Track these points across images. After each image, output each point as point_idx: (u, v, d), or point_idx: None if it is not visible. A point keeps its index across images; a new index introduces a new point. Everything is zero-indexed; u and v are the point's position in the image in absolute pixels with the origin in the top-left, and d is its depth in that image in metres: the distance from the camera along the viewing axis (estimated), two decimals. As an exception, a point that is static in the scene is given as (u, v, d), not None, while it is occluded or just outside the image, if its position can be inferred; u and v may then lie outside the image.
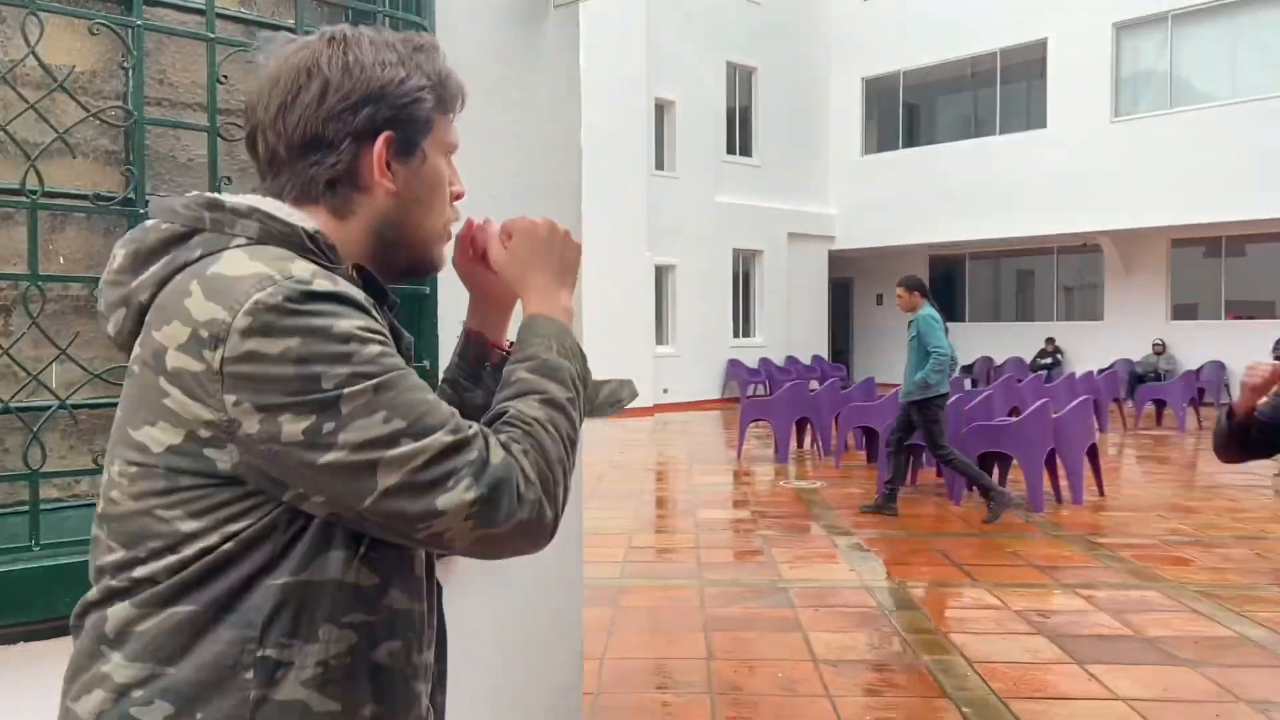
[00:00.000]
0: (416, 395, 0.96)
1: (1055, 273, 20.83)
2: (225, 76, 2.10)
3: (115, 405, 1.05)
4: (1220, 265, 18.33)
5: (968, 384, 14.92)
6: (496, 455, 0.97)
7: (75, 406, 1.93)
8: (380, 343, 0.96)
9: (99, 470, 2.01)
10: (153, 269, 1.01)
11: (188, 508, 0.96)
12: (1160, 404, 15.03)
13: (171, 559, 0.97)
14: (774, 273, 20.43)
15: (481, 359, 1.31)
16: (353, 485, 0.93)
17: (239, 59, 2.11)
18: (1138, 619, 4.98)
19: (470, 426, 0.98)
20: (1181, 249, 18.58)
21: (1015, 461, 8.22)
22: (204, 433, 0.94)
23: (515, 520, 0.97)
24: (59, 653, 1.59)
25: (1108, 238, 18.49)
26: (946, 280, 22.00)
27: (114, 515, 1.00)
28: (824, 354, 21.39)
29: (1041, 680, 4.12)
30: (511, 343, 1.23)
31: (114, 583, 0.99)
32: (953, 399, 9.20)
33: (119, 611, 0.99)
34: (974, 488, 7.95)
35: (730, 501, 8.80)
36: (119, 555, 0.99)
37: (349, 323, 0.94)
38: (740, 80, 19.93)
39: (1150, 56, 17.38)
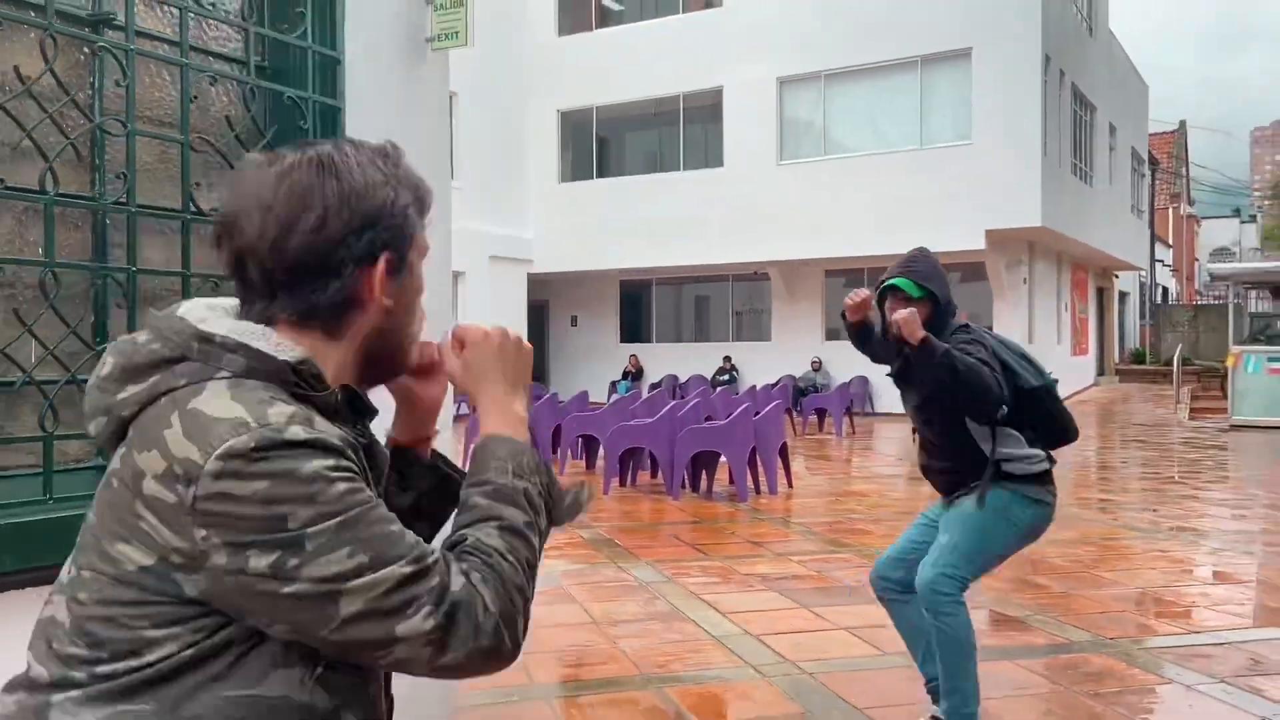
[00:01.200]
0: (380, 529, 0.99)
1: (730, 298, 23.07)
2: (195, 96, 2.39)
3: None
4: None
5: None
6: (457, 583, 1.00)
7: (84, 380, 2.15)
8: (349, 479, 0.99)
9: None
10: (139, 388, 1.04)
11: (153, 619, 0.99)
12: (822, 412, 17.29)
13: (133, 661, 0.99)
14: (477, 294, 20.93)
15: (410, 463, 1.31)
16: (315, 614, 0.96)
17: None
18: (839, 573, 6.09)
19: (432, 554, 1.01)
20: (833, 279, 21.35)
21: (723, 458, 9.37)
22: (175, 559, 0.97)
23: (473, 647, 1.00)
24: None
25: (775, 267, 20.83)
26: (634, 304, 23.65)
27: (79, 615, 1.01)
28: (524, 372, 22.12)
29: (781, 621, 5.03)
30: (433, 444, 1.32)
31: (77, 675, 1.00)
32: (667, 408, 10.28)
33: (65, 701, 0.99)
34: (689, 485, 8.99)
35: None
36: (82, 651, 1.00)
37: (317, 464, 0.97)
38: (443, 104, 20.28)
39: (808, 109, 19.92)
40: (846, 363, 20.18)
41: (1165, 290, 41.72)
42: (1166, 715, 3.83)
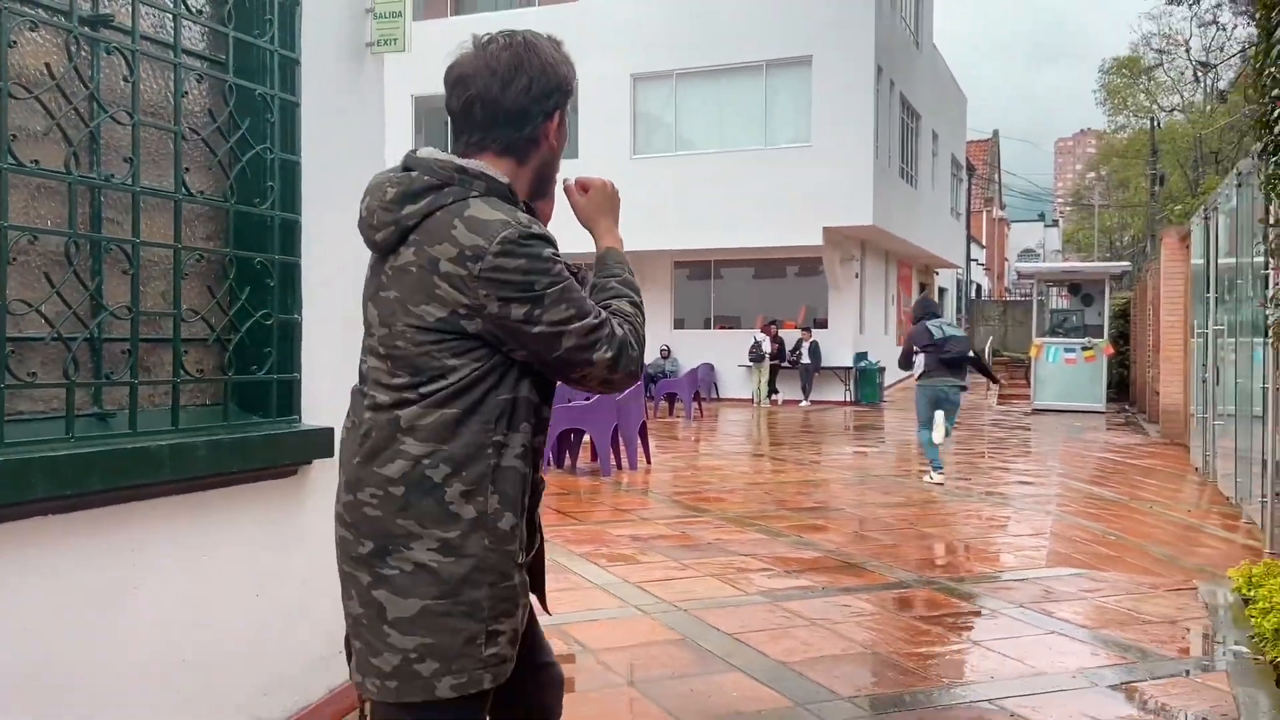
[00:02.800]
0: (579, 293, 1.59)
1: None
2: (186, 91, 2.72)
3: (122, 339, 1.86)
4: (710, 285, 22.26)
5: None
6: (619, 331, 1.61)
7: (107, 339, 2.48)
8: (561, 262, 1.57)
9: (123, 384, 2.56)
10: (420, 204, 1.56)
11: (451, 351, 1.56)
12: (671, 397, 18.10)
13: (442, 382, 1.56)
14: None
15: None
16: (547, 344, 1.56)
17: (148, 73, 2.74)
18: (700, 534, 6.75)
19: (603, 313, 1.61)
20: (680, 270, 22.23)
21: (589, 436, 9.92)
22: (461, 310, 1.54)
23: (627, 370, 1.62)
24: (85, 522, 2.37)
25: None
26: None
27: (400, 355, 1.57)
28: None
29: (654, 571, 5.62)
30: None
31: (409, 395, 1.57)
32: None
33: (410, 413, 1.57)
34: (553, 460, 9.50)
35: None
36: (405, 379, 1.57)
37: (548, 250, 1.55)
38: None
39: (660, 106, 20.68)
40: (693, 350, 21.11)
41: (979, 287, 45.00)
42: (978, 632, 4.62)
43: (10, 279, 2.30)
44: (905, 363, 9.37)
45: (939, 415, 9.05)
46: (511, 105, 1.62)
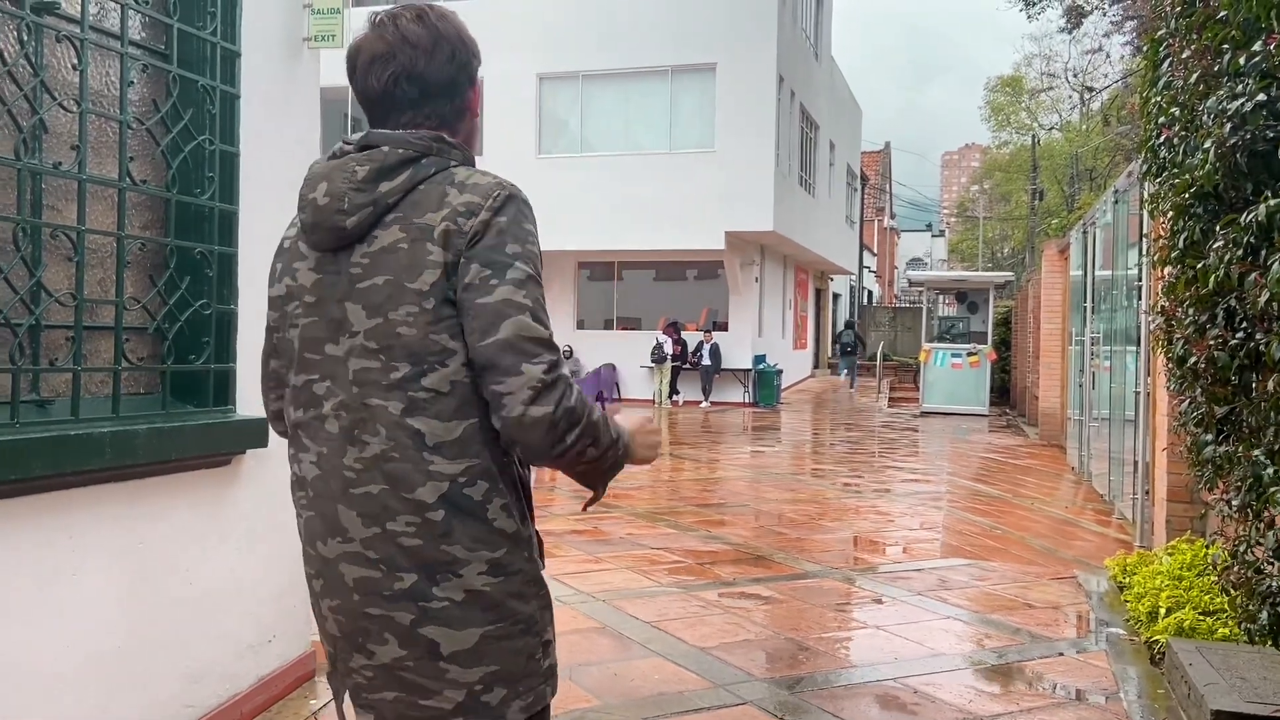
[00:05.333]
0: (542, 293, 1.42)
1: (483, 284, 23.47)
2: (132, 81, 2.73)
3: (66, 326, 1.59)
4: (613, 286, 22.44)
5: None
6: (566, 370, 1.40)
7: (49, 326, 2.48)
8: (537, 248, 1.44)
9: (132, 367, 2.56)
10: (399, 179, 1.43)
11: (448, 329, 1.39)
12: (573, 396, 18.21)
13: (443, 370, 1.39)
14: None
15: None
16: (486, 324, 1.36)
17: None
18: (611, 529, 6.90)
19: (554, 343, 1.40)
20: (584, 269, 22.34)
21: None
22: (448, 270, 1.39)
23: (551, 412, 1.36)
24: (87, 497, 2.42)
25: (529, 256, 21.51)
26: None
27: (399, 343, 1.40)
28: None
29: (569, 565, 5.74)
30: None
31: (414, 394, 1.40)
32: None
33: (433, 427, 1.40)
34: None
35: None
36: (405, 369, 1.40)
37: (533, 228, 1.45)
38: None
39: (566, 106, 20.76)
40: (596, 351, 21.25)
41: (870, 293, 46.44)
42: (881, 617, 4.89)
43: (-42, 263, 2.29)
44: None
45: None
46: (439, 77, 1.52)
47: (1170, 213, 4.00)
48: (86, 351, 2.77)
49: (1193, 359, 3.74)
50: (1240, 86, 3.25)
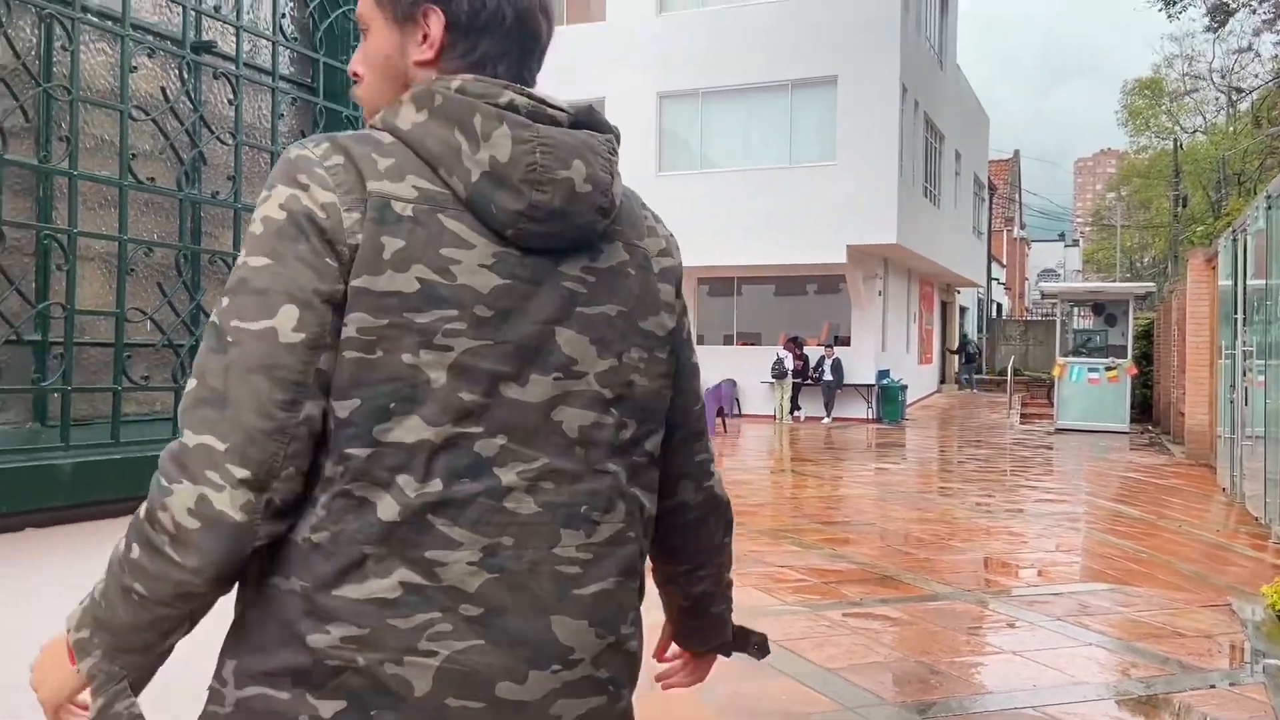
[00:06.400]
0: None
1: (604, 301, 23.79)
2: (135, 66, 2.74)
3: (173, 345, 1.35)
4: (732, 301, 22.41)
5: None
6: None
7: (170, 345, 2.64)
8: None
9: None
10: (620, 185, 1.10)
11: (670, 387, 1.14)
12: (694, 412, 18.25)
13: (660, 434, 1.14)
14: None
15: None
16: (695, 386, 1.23)
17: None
18: (734, 545, 6.85)
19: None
20: (704, 286, 22.39)
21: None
22: (678, 313, 1.16)
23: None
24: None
25: (649, 273, 21.69)
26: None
27: (631, 396, 1.07)
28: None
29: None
30: None
31: (636, 457, 1.09)
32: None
33: (649, 500, 1.13)
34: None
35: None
36: (634, 429, 1.08)
37: None
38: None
39: (685, 124, 20.90)
40: (715, 367, 21.23)
41: (999, 306, 45.01)
42: (1017, 642, 4.71)
43: (128, 288, 2.46)
44: None
45: None
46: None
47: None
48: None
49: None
50: None
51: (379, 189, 0.97)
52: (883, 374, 20.46)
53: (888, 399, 19.82)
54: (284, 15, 3.02)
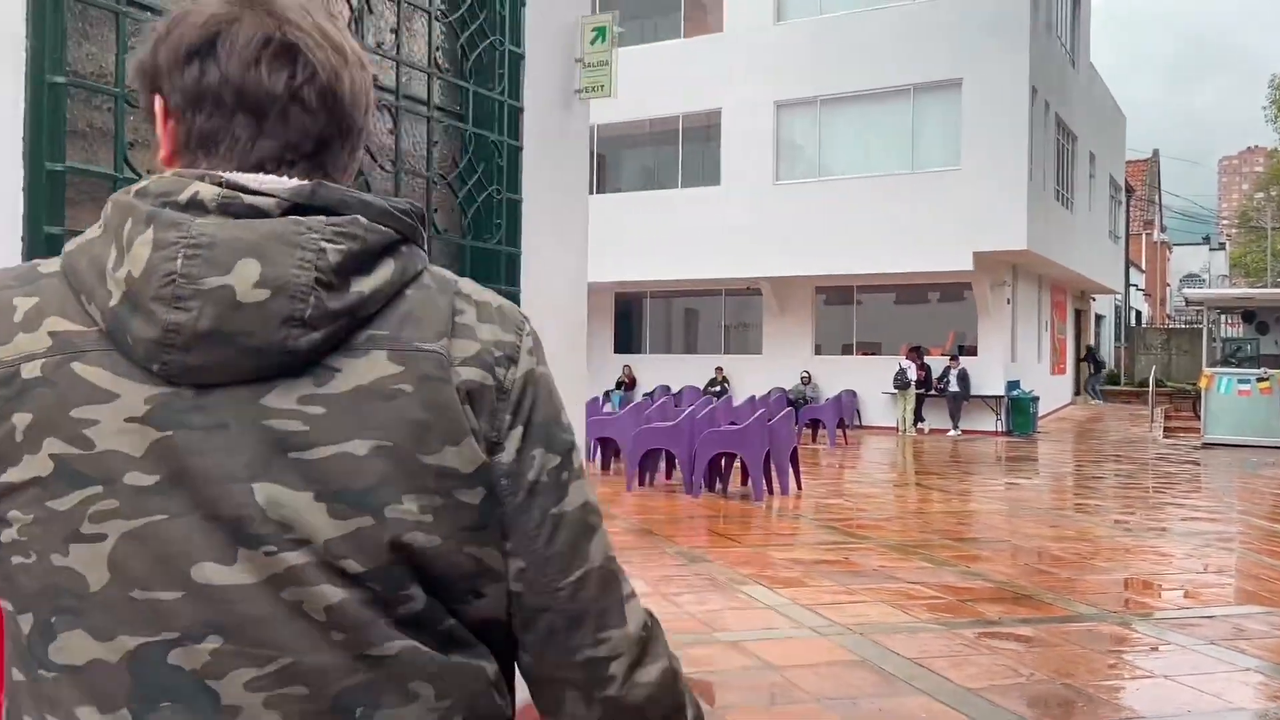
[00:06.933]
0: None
1: (722, 312, 23.79)
2: (133, 45, 2.41)
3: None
4: (851, 310, 22.09)
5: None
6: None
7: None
8: None
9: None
10: (382, 278, 0.80)
11: (492, 542, 0.84)
12: (814, 423, 18.05)
13: (483, 605, 0.85)
14: (480, 302, 21.46)
15: None
16: (565, 540, 0.86)
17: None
18: (864, 560, 6.78)
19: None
20: (822, 295, 22.13)
21: (739, 460, 10.06)
22: (484, 450, 0.82)
23: (657, 678, 0.89)
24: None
25: (767, 283, 21.57)
26: (627, 316, 24.33)
27: (414, 561, 0.80)
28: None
29: (822, 595, 5.70)
30: None
31: (450, 626, 0.84)
32: (686, 413, 10.95)
33: (492, 674, 0.87)
34: (709, 484, 9.67)
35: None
36: (424, 603, 0.81)
37: None
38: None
39: (803, 132, 20.74)
40: (834, 376, 20.95)
41: (1139, 314, 43.00)
42: (1167, 666, 4.52)
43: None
44: None
45: None
46: (354, 113, 0.91)
47: None
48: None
49: None
50: None
51: (4, 354, 0.78)
52: (1012, 385, 19.81)
53: (1018, 411, 19.19)
54: (437, 49, 3.18)
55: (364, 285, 0.79)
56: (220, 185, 0.78)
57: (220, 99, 0.82)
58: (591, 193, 17.42)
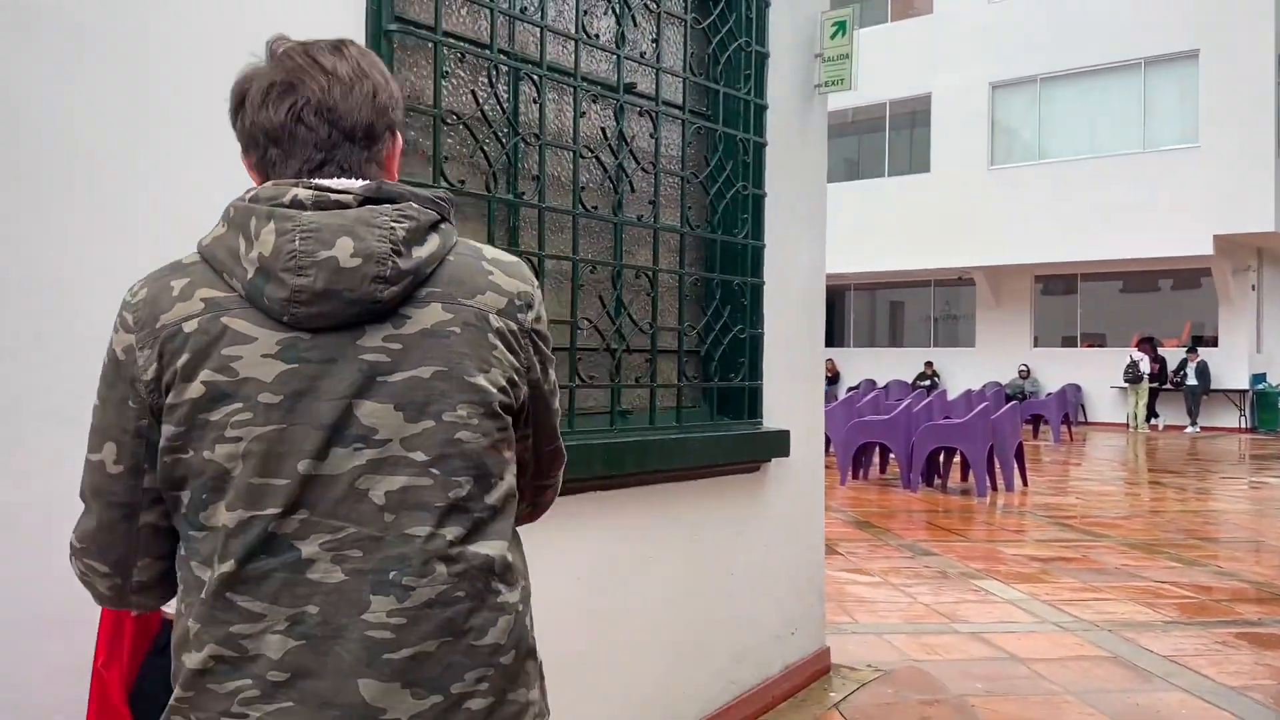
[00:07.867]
0: None
1: (931, 303, 23.09)
2: (446, 72, 2.73)
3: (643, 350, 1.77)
4: (1073, 300, 20.93)
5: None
6: None
7: (629, 350, 3.02)
8: None
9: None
10: (430, 246, 1.11)
11: (506, 440, 1.16)
12: (1036, 419, 17.25)
13: (503, 487, 1.15)
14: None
15: None
16: (552, 429, 1.31)
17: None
18: (1105, 558, 6.51)
19: None
20: (1041, 284, 21.08)
21: (959, 455, 9.81)
22: (516, 379, 1.16)
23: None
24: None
25: (981, 273, 20.77)
26: (829, 309, 24.01)
27: (457, 454, 1.09)
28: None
29: (1062, 590, 5.54)
30: None
31: (478, 514, 1.12)
32: (902, 406, 10.79)
33: (499, 552, 1.13)
34: (927, 478, 9.49)
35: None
36: (468, 488, 1.11)
37: None
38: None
39: (1021, 113, 19.83)
40: (1054, 370, 19.92)
41: None
42: None
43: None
44: None
45: None
46: (360, 115, 1.20)
47: None
48: (655, 371, 3.29)
49: None
50: None
51: (169, 319, 1.08)
52: (1258, 378, 18.23)
53: (1264, 406, 17.67)
54: (691, 54, 3.36)
55: (422, 252, 1.10)
56: (311, 189, 1.08)
57: (277, 140, 1.13)
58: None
